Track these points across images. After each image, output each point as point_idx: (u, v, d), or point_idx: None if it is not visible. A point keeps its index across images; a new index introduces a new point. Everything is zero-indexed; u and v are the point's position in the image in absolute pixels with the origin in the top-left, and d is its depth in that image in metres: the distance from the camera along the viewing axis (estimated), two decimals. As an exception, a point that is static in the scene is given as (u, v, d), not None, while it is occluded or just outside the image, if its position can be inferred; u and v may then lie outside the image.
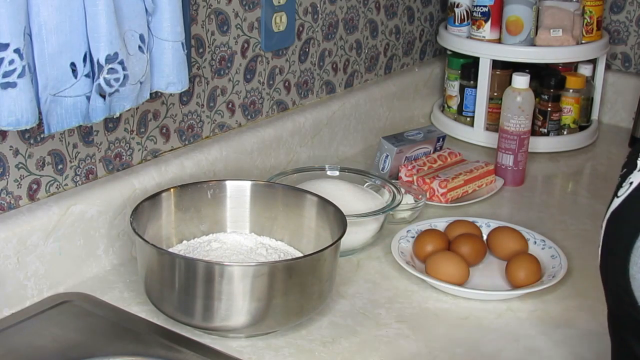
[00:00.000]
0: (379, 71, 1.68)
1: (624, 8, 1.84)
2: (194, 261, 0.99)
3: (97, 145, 1.14)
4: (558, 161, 1.64)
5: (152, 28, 1.02)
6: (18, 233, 1.03)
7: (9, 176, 1.04)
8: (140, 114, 1.19)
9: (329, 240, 1.05)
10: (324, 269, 1.02)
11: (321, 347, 1.01)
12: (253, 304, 0.97)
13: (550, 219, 1.37)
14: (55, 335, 0.99)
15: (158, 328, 1.02)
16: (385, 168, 1.46)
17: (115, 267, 1.15)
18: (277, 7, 1.37)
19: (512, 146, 1.47)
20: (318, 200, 1.13)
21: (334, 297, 1.10)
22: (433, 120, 1.78)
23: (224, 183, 1.17)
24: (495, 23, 1.63)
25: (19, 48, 0.87)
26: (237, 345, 1.00)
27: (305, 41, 1.46)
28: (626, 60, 1.86)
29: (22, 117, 0.89)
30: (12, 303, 1.03)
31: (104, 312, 1.05)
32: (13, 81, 0.88)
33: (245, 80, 1.36)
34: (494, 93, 1.67)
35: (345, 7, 1.53)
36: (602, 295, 1.13)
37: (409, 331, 1.05)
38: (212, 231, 1.16)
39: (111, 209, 1.13)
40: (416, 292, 1.14)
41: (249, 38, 1.34)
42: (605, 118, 1.84)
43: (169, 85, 1.05)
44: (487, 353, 1.02)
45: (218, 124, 1.33)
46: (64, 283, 1.09)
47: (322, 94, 1.54)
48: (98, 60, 0.95)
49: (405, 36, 1.73)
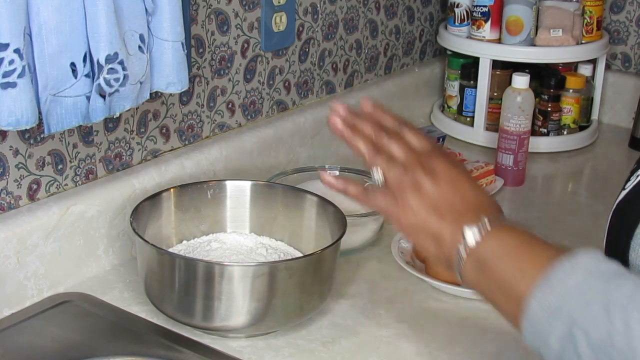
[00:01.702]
0: (379, 71, 1.68)
1: (624, 8, 1.84)
2: (194, 261, 0.99)
3: (97, 145, 1.14)
4: (558, 161, 1.64)
5: (152, 28, 1.02)
6: (18, 233, 1.03)
7: (9, 176, 1.04)
8: (140, 114, 1.19)
9: (329, 240, 1.04)
10: (324, 269, 1.02)
11: (321, 347, 1.01)
12: (253, 304, 0.97)
13: (550, 219, 1.37)
14: (55, 335, 0.99)
15: (158, 328, 1.02)
16: (385, 168, 1.45)
17: (115, 267, 1.15)
18: (277, 7, 1.37)
19: (512, 146, 1.47)
20: (318, 200, 1.13)
21: (334, 297, 1.10)
22: (433, 120, 1.78)
23: (224, 183, 1.17)
24: (495, 23, 1.63)
25: (19, 48, 0.87)
26: (237, 345, 1.00)
27: (305, 41, 1.46)
28: (626, 60, 1.86)
29: (22, 117, 0.89)
30: (12, 303, 1.03)
31: (104, 312, 1.05)
32: (13, 81, 0.88)
33: (245, 80, 1.36)
34: (494, 93, 1.67)
35: (345, 7, 1.53)
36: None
37: (409, 331, 1.05)
38: (212, 231, 1.16)
39: (111, 209, 1.13)
40: (416, 292, 1.14)
41: (249, 38, 1.34)
42: (605, 118, 1.84)
43: (168, 85, 1.05)
44: (487, 353, 1.02)
45: (218, 124, 1.33)
46: (64, 283, 1.09)
47: (322, 94, 1.54)
48: (98, 60, 0.95)
49: (405, 36, 1.73)
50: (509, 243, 0.74)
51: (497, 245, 0.74)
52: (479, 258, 0.74)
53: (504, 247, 0.73)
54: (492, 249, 0.74)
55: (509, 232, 0.75)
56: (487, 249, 0.74)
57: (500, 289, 0.73)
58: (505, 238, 0.74)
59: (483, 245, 0.74)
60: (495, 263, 0.73)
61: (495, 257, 0.73)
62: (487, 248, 0.74)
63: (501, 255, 0.73)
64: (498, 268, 0.73)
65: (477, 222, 0.75)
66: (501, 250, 0.73)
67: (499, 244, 0.74)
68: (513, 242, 0.74)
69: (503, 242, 0.74)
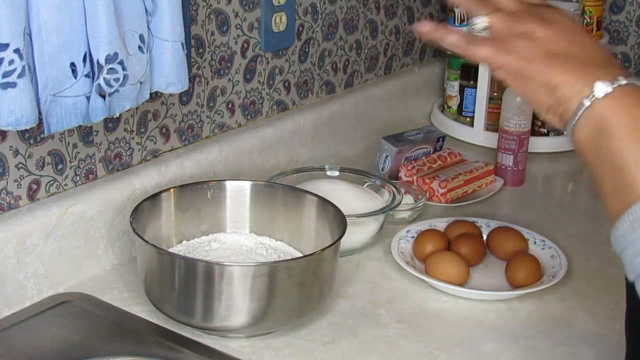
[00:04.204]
0: (379, 71, 1.68)
1: (624, 8, 1.84)
2: (194, 261, 0.99)
3: (97, 145, 1.14)
4: (558, 161, 1.64)
5: (152, 28, 1.02)
6: (18, 233, 1.03)
7: (9, 176, 1.04)
8: (140, 114, 1.19)
9: (329, 240, 1.04)
10: (324, 269, 1.02)
11: (321, 347, 1.01)
12: (253, 304, 0.97)
13: (550, 219, 1.37)
14: (55, 335, 0.99)
15: (158, 328, 1.02)
16: (385, 168, 1.46)
17: (115, 267, 1.15)
18: (277, 7, 1.37)
19: (512, 146, 1.47)
20: (318, 200, 1.13)
21: (334, 297, 1.10)
22: (433, 120, 1.78)
23: (223, 183, 1.17)
24: (495, 23, 1.63)
25: (19, 48, 0.87)
26: (237, 345, 1.00)
27: (305, 41, 1.46)
28: (626, 60, 1.86)
29: (22, 117, 0.89)
30: (12, 303, 1.03)
31: (103, 312, 1.05)
32: (13, 81, 0.88)
33: (245, 81, 1.36)
34: (494, 93, 1.67)
35: (345, 7, 1.53)
36: (602, 295, 1.14)
37: (409, 331, 1.05)
38: (212, 231, 1.16)
39: (111, 209, 1.13)
40: (416, 292, 1.14)
41: (249, 38, 1.34)
42: (605, 118, 1.84)
43: (168, 85, 1.05)
44: (487, 353, 1.02)
45: (218, 124, 1.33)
46: (64, 283, 1.09)
47: (322, 94, 1.54)
48: (98, 60, 0.95)
49: (405, 36, 1.73)
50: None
51: (626, 113, 0.63)
52: (602, 119, 0.64)
53: (636, 119, 0.63)
54: (620, 115, 0.64)
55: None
56: (615, 112, 0.64)
57: (611, 167, 0.63)
58: (638, 104, 0.64)
59: (612, 104, 0.64)
60: (618, 135, 0.63)
61: (621, 127, 0.63)
62: (615, 111, 0.64)
63: (629, 128, 0.63)
64: (619, 144, 0.63)
65: (609, 77, 0.65)
66: (630, 123, 0.63)
67: (629, 114, 0.63)
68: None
69: (632, 109, 0.64)
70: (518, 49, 0.71)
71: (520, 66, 0.71)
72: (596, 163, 0.66)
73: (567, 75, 0.68)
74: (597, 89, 0.65)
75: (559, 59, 0.69)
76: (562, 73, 0.68)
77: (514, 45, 0.71)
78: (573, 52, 0.70)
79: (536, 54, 0.70)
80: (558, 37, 0.70)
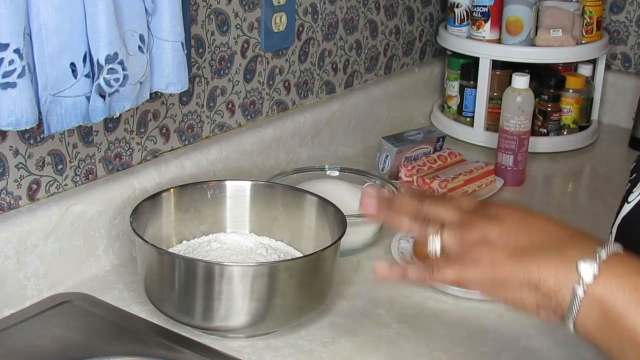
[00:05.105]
0: (379, 71, 1.68)
1: (624, 8, 1.84)
2: (194, 261, 0.99)
3: (97, 145, 1.14)
4: (558, 161, 1.64)
5: (152, 28, 1.02)
6: (18, 233, 1.03)
7: (9, 176, 1.04)
8: (140, 114, 1.19)
9: (329, 240, 1.04)
10: (324, 269, 1.02)
11: (321, 347, 1.01)
12: (253, 304, 0.97)
13: (550, 219, 1.37)
14: (55, 335, 0.99)
15: (158, 328, 1.02)
16: (385, 168, 1.46)
17: (115, 267, 1.15)
18: (277, 7, 1.37)
19: (512, 146, 1.47)
20: (318, 200, 1.13)
21: (334, 297, 1.10)
22: (433, 120, 1.78)
23: (223, 183, 1.17)
24: (495, 23, 1.63)
25: (19, 48, 0.87)
26: (237, 345, 1.00)
27: (305, 41, 1.46)
28: (626, 60, 1.86)
29: (22, 117, 0.89)
30: (12, 303, 1.03)
31: (103, 312, 1.05)
32: (13, 81, 0.88)
33: (245, 81, 1.36)
34: (493, 93, 1.67)
35: (345, 7, 1.53)
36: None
37: (409, 331, 1.05)
38: (212, 231, 1.16)
39: (111, 209, 1.13)
40: (416, 292, 1.14)
41: (249, 38, 1.34)
42: (605, 118, 1.84)
43: (168, 85, 1.05)
44: (487, 353, 1.02)
45: (218, 124, 1.33)
46: (64, 283, 1.09)
47: (322, 94, 1.54)
48: (98, 61, 0.95)
49: (405, 36, 1.73)
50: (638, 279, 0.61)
51: (626, 287, 0.60)
52: (604, 302, 0.61)
53: (637, 289, 0.60)
54: (621, 290, 0.61)
55: (635, 262, 0.62)
56: (614, 290, 0.61)
57: (633, 345, 0.60)
58: (631, 273, 0.61)
59: (607, 283, 0.61)
60: (628, 313, 0.60)
61: (628, 303, 0.60)
62: (614, 288, 0.61)
63: (637, 301, 0.60)
64: (633, 322, 0.59)
65: (589, 254, 0.62)
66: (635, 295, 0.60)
67: (630, 287, 0.60)
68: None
69: (630, 279, 0.61)
70: (481, 257, 0.67)
71: (491, 273, 0.67)
72: (613, 345, 0.62)
73: (543, 266, 0.64)
74: (584, 272, 0.62)
75: (527, 251, 0.65)
76: (537, 266, 0.64)
77: (475, 255, 0.67)
78: (536, 240, 0.66)
79: (501, 256, 0.66)
80: (515, 231, 0.67)
